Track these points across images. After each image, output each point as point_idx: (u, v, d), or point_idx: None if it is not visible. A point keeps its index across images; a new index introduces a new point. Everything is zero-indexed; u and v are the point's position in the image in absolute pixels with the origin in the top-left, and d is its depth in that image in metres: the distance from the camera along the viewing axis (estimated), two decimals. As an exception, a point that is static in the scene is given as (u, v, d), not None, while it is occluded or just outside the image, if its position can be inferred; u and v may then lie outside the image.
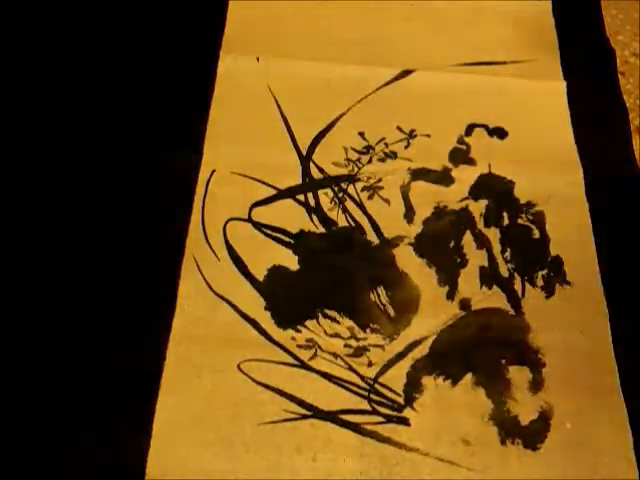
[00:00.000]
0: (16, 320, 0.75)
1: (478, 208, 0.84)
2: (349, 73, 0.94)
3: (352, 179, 0.86)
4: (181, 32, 0.97)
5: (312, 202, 0.84)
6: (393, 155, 0.88)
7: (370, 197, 0.85)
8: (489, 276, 0.80)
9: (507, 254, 0.81)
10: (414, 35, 0.89)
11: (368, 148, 0.88)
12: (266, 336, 0.75)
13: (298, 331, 0.75)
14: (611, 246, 0.82)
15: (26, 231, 0.80)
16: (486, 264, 0.80)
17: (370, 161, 0.87)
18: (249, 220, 0.82)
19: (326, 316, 0.76)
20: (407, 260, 0.80)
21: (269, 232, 0.81)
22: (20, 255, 0.79)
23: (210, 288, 0.77)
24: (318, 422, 0.70)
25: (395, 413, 0.71)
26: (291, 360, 0.73)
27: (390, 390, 0.72)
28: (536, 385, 0.73)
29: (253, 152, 0.87)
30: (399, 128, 0.90)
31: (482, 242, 0.82)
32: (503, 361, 0.75)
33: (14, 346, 0.73)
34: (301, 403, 0.71)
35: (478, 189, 0.86)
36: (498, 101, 0.92)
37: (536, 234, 0.83)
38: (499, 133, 0.90)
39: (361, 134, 0.89)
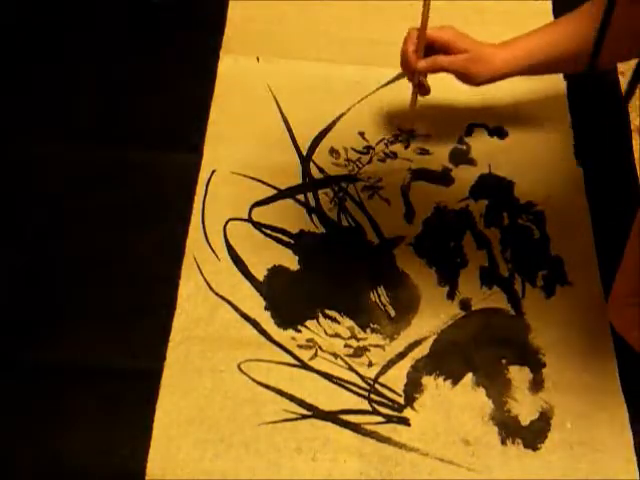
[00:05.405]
0: (15, 318, 0.75)
1: (478, 208, 0.84)
2: (349, 73, 0.94)
3: (352, 179, 0.86)
4: (181, 32, 0.97)
5: (312, 202, 0.84)
6: (393, 155, 0.88)
7: (370, 197, 0.85)
8: (489, 276, 0.80)
9: (507, 254, 0.81)
10: (414, 35, 0.89)
11: (368, 148, 0.88)
12: (266, 336, 0.75)
13: (298, 331, 0.75)
14: (611, 246, 0.82)
15: (26, 230, 0.80)
16: (486, 264, 0.80)
17: (370, 161, 0.87)
18: (249, 220, 0.82)
19: (326, 316, 0.76)
20: (407, 260, 0.80)
21: (269, 232, 0.81)
22: (20, 255, 0.79)
23: (210, 288, 0.77)
24: (318, 422, 0.70)
25: (395, 413, 0.71)
26: (291, 360, 0.73)
27: (390, 390, 0.72)
28: (536, 385, 0.73)
29: (253, 152, 0.87)
30: (399, 128, 0.90)
31: (482, 242, 0.82)
32: (503, 361, 0.75)
33: (13, 345, 0.73)
34: (301, 403, 0.71)
35: (478, 189, 0.86)
36: (498, 101, 0.92)
37: (536, 234, 0.83)
38: (499, 133, 0.90)
39: (361, 134, 0.89)
